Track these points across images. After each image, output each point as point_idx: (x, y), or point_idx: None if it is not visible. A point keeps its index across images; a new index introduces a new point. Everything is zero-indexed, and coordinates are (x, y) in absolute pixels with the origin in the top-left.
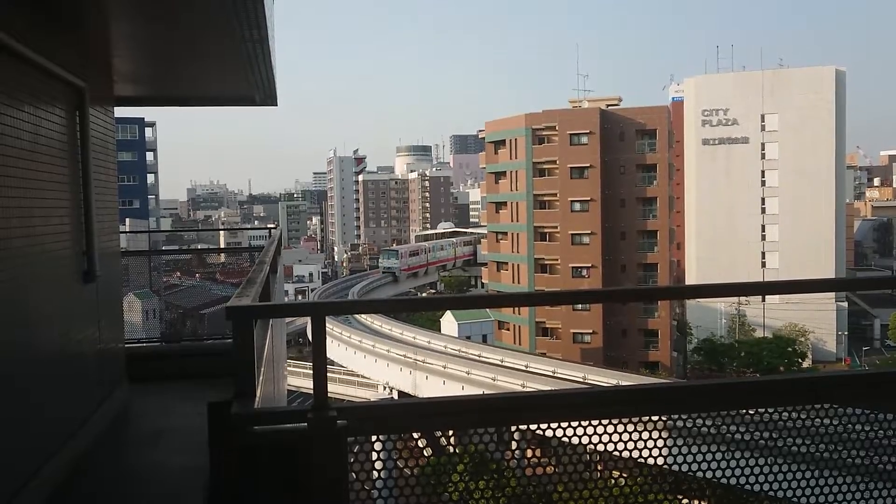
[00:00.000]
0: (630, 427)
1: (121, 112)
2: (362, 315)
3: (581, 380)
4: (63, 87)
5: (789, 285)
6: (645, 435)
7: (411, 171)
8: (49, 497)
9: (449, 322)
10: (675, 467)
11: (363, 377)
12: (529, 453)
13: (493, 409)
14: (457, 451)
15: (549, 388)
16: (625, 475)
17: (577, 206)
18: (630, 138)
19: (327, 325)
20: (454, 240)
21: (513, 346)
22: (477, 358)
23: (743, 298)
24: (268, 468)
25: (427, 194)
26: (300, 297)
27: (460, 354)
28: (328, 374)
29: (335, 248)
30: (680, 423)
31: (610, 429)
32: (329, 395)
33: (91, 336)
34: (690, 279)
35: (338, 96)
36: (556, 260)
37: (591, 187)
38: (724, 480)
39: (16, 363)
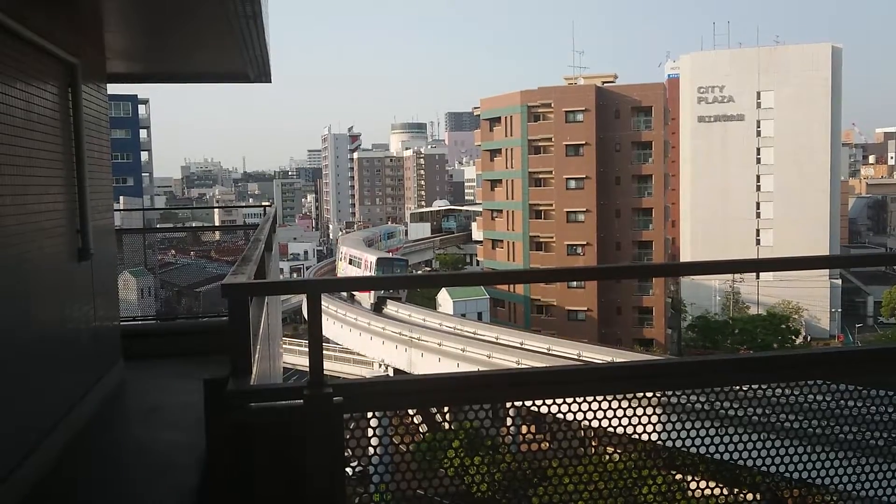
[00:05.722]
0: (624, 403)
1: (114, 89)
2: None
3: (576, 357)
4: (55, 63)
5: (783, 262)
6: (639, 411)
7: (406, 149)
8: (47, 472)
9: (444, 300)
10: (669, 443)
11: (359, 355)
12: (524, 429)
13: (487, 385)
14: (452, 427)
15: (544, 365)
16: (619, 451)
17: (573, 184)
18: (626, 115)
19: (323, 302)
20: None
21: (508, 324)
22: (472, 335)
23: (737, 276)
24: (264, 444)
25: (422, 172)
26: (295, 275)
27: (455, 332)
28: (324, 352)
29: (330, 226)
30: (674, 400)
31: (604, 405)
32: (325, 372)
33: (86, 314)
34: (685, 257)
35: (332, 73)
36: (552, 237)
37: (586, 165)
38: (717, 456)
39: (10, 341)
